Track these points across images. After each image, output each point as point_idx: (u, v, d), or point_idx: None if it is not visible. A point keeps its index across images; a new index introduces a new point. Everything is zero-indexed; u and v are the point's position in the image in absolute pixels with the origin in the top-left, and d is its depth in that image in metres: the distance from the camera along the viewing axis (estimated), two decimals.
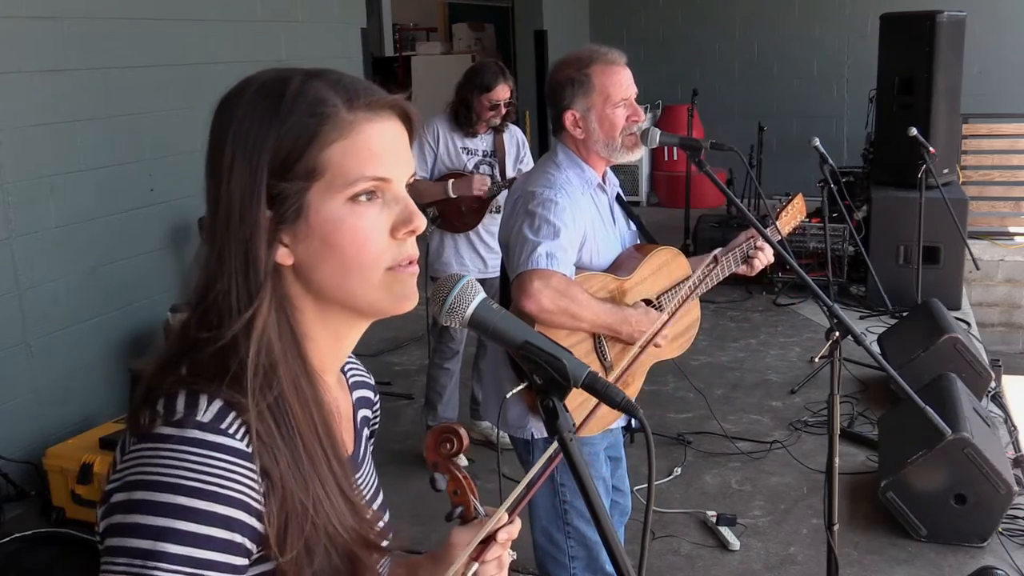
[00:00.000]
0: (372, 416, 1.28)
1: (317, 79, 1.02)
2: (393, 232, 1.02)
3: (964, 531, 3.51)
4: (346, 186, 0.99)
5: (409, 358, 5.82)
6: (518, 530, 1.16)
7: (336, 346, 1.09)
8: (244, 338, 0.98)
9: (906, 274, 6.00)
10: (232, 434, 0.94)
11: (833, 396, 2.49)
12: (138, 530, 0.89)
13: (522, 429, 2.48)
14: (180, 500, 0.90)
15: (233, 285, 0.98)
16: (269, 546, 0.95)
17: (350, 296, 1.03)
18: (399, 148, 1.04)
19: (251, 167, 0.98)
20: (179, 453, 0.92)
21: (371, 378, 1.30)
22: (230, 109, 1.02)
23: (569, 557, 2.51)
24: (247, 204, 0.98)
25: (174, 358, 1.00)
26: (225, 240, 0.99)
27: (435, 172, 4.26)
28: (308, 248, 1.00)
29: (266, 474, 0.95)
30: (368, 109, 1.01)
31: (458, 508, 1.18)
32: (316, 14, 6.02)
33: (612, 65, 2.46)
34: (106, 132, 4.49)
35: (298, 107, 0.99)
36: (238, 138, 0.99)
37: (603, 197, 2.55)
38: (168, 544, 0.89)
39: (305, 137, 0.98)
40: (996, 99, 8.64)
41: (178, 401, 0.95)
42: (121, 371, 4.49)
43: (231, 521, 0.92)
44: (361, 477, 1.15)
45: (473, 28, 11.40)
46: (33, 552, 3.34)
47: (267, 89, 1.01)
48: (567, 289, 2.27)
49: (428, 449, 1.19)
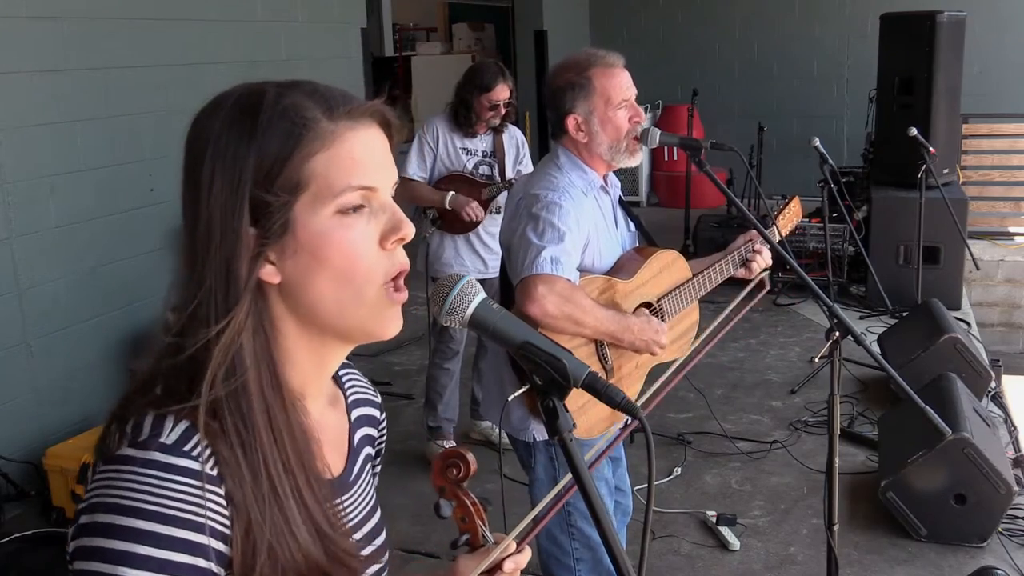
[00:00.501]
0: (378, 435, 1.24)
1: (294, 90, 1.00)
2: (382, 242, 1.00)
3: (964, 531, 3.51)
4: (332, 197, 0.97)
5: (409, 358, 5.81)
6: (527, 560, 1.13)
7: (319, 368, 1.07)
8: (208, 354, 0.95)
9: (906, 274, 6.00)
10: (195, 456, 0.92)
11: (833, 396, 2.49)
12: (99, 553, 0.89)
13: (524, 431, 2.47)
14: (140, 524, 0.89)
15: (212, 303, 0.96)
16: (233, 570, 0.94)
17: (341, 313, 1.00)
18: (382, 155, 1.02)
19: (232, 182, 0.96)
20: (140, 476, 0.91)
21: (377, 396, 1.26)
22: (207, 124, 0.99)
23: (574, 559, 2.50)
24: (228, 220, 0.95)
25: (150, 380, 0.98)
26: (205, 258, 0.96)
27: (434, 173, 4.26)
28: (297, 264, 0.98)
29: (231, 499, 0.93)
30: (348, 117, 0.99)
31: (464, 535, 1.15)
32: (316, 14, 6.02)
33: (611, 67, 2.46)
34: (106, 132, 4.49)
35: (277, 119, 0.96)
36: (217, 153, 0.96)
37: (606, 199, 2.55)
38: (127, 569, 0.88)
39: (286, 149, 0.96)
40: (996, 99, 8.65)
41: (145, 423, 0.94)
42: (121, 371, 4.49)
43: (192, 545, 0.90)
44: (349, 499, 1.12)
45: (473, 28, 11.41)
46: (33, 552, 3.35)
47: (243, 102, 0.99)
48: (572, 295, 2.27)
49: (434, 474, 1.16)
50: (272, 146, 0.96)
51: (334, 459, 1.09)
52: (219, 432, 0.94)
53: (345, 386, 1.19)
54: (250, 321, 0.97)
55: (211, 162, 0.96)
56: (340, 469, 1.11)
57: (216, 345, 0.94)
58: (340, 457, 1.12)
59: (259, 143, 0.96)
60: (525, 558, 1.13)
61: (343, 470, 1.12)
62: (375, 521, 1.17)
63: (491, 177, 4.27)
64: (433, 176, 4.25)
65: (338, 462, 1.11)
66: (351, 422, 1.17)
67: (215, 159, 0.96)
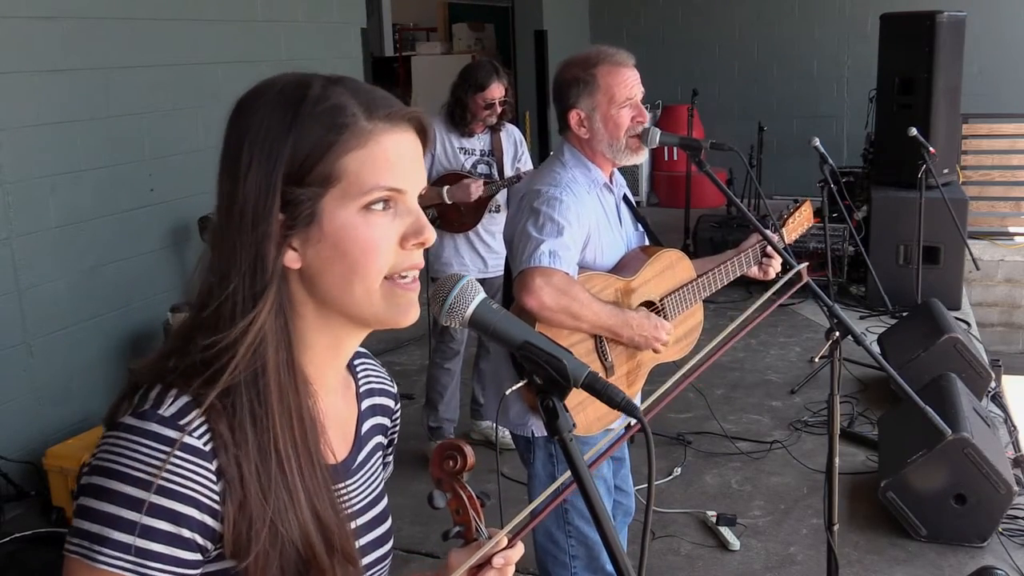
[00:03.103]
0: (391, 424, 1.27)
1: (337, 86, 1.03)
2: (402, 242, 1.03)
3: (964, 531, 3.51)
4: (361, 194, 1.00)
5: (409, 358, 5.82)
6: (519, 555, 1.14)
7: (333, 353, 1.10)
8: (240, 339, 0.99)
9: (906, 274, 6.00)
10: (191, 431, 0.96)
11: (833, 396, 2.49)
12: (90, 513, 0.95)
13: (523, 427, 2.48)
14: (128, 490, 0.93)
15: (240, 286, 0.99)
16: (223, 546, 0.97)
17: (352, 304, 1.03)
18: (414, 160, 1.05)
19: (268, 170, 0.99)
20: (135, 444, 0.95)
21: (394, 386, 1.28)
22: (249, 111, 1.02)
23: (570, 556, 2.51)
24: (261, 206, 0.99)
25: (167, 354, 1.02)
26: (237, 241, 0.99)
27: (433, 173, 4.25)
28: (318, 253, 1.01)
29: (223, 474, 0.96)
30: (386, 120, 1.02)
31: (457, 527, 1.16)
32: (316, 14, 6.02)
33: (618, 66, 2.46)
34: (106, 132, 4.48)
35: (318, 113, 1.00)
36: (256, 140, 1.00)
37: (610, 197, 2.55)
38: (113, 531, 0.93)
39: (324, 144, 0.99)
40: (996, 99, 8.65)
41: (150, 394, 0.98)
42: (121, 371, 4.49)
43: (178, 516, 0.94)
44: (351, 485, 1.14)
45: (473, 28, 11.39)
46: (33, 552, 3.35)
47: (288, 93, 1.02)
48: (569, 288, 2.28)
49: (432, 465, 1.17)
50: (310, 139, 0.99)
51: (339, 445, 1.12)
52: (222, 409, 0.97)
53: (358, 375, 1.22)
54: (275, 305, 1.00)
55: (249, 148, 1.00)
56: (344, 455, 1.13)
57: (243, 324, 0.98)
58: (345, 444, 1.15)
59: (297, 135, 0.99)
60: (517, 553, 1.14)
61: (347, 456, 1.14)
62: (379, 509, 1.19)
63: (489, 176, 4.26)
64: (431, 177, 4.24)
65: (342, 448, 1.13)
66: (360, 411, 1.19)
67: (253, 146, 1.00)
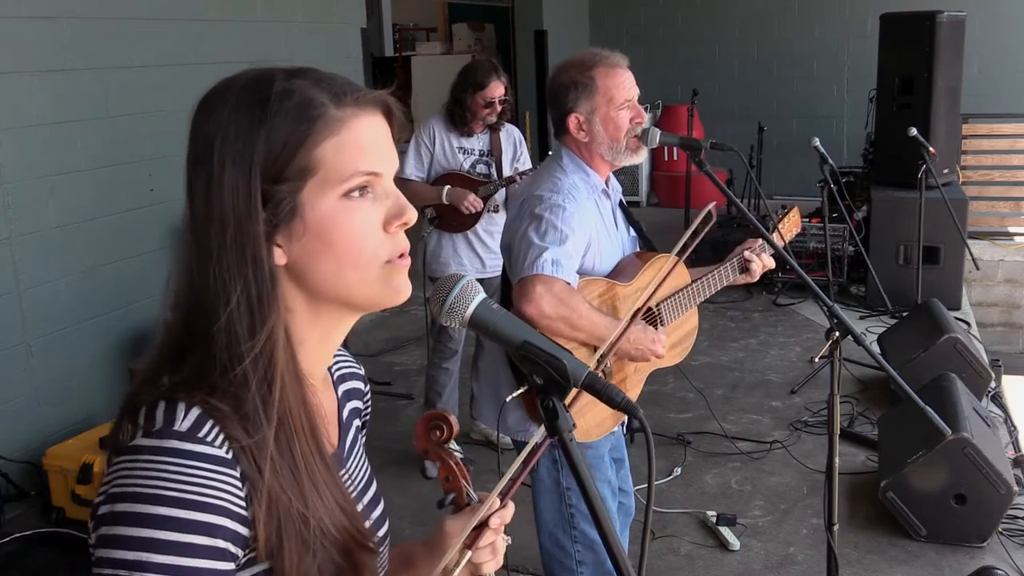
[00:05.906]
0: (364, 407, 1.27)
1: (299, 78, 1.01)
2: (386, 226, 1.03)
3: (964, 531, 3.51)
4: (340, 182, 1.00)
5: (409, 358, 5.82)
6: (511, 515, 1.16)
7: (323, 346, 1.09)
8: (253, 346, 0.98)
9: (906, 274, 6.00)
10: (211, 442, 0.94)
11: (833, 396, 2.49)
12: (123, 542, 0.91)
13: (523, 432, 2.47)
14: (161, 511, 0.91)
15: (242, 295, 0.97)
16: (257, 549, 0.96)
17: (347, 292, 1.03)
18: (385, 142, 1.05)
19: (244, 171, 0.97)
20: (158, 464, 0.93)
21: (360, 368, 1.29)
22: (213, 111, 1.00)
23: (576, 561, 2.50)
24: (245, 209, 0.97)
25: (156, 371, 1.00)
26: (221, 246, 0.97)
27: (432, 173, 4.25)
28: (303, 247, 1.00)
29: (247, 478, 0.95)
30: (355, 105, 1.02)
31: (450, 495, 1.18)
32: (316, 14, 6.02)
33: (615, 68, 2.46)
34: (106, 132, 4.48)
35: (287, 108, 0.98)
36: (228, 141, 0.98)
37: (607, 203, 2.55)
38: (152, 554, 0.90)
39: (297, 137, 0.98)
40: (996, 99, 8.65)
41: (157, 411, 0.96)
42: (121, 371, 4.49)
43: (213, 528, 0.93)
44: (347, 472, 1.15)
45: (473, 28, 11.39)
46: (33, 552, 3.34)
47: (251, 90, 1.00)
48: (569, 298, 2.27)
49: (418, 438, 1.19)
50: (282, 134, 0.98)
51: (331, 435, 1.13)
52: (231, 414, 0.96)
53: (331, 362, 1.21)
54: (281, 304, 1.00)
55: (220, 150, 0.98)
56: (335, 444, 1.14)
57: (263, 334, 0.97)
58: (334, 432, 1.15)
59: (268, 130, 0.98)
60: (510, 513, 1.16)
61: (339, 445, 1.15)
62: (372, 491, 1.20)
63: (488, 176, 4.26)
64: (430, 176, 4.25)
65: (333, 437, 1.14)
66: (339, 397, 1.20)
67: (225, 147, 0.98)
